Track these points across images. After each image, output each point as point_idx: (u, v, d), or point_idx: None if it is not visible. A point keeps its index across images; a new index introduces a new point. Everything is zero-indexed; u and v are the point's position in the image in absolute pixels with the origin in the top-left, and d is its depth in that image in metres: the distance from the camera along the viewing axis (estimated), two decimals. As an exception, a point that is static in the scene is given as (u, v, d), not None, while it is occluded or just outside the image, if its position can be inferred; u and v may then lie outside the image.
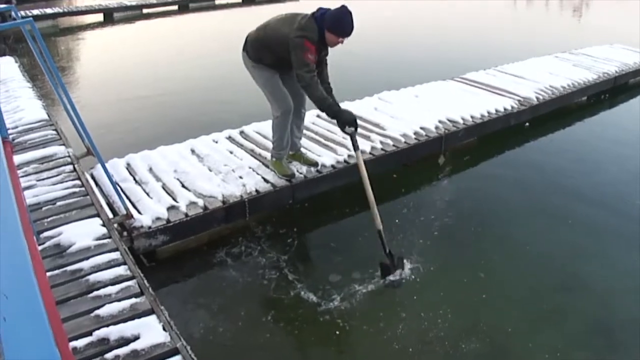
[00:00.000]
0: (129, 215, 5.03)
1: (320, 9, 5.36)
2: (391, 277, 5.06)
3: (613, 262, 5.43)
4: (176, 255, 5.28)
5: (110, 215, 5.01)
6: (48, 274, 3.97)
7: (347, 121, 5.33)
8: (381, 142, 6.79)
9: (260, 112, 7.97)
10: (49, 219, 4.72)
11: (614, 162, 7.75)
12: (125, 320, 3.53)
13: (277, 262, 5.23)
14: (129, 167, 6.17)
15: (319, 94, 5.25)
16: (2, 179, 1.64)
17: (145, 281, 3.94)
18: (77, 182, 5.40)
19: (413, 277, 5.09)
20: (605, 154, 8.07)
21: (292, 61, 5.26)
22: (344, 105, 6.72)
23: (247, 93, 10.42)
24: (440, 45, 15.47)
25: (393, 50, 13.31)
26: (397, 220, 5.94)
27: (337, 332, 4.43)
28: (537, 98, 8.96)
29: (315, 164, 6.29)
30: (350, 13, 5.25)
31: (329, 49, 5.57)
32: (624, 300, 4.90)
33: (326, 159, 6.31)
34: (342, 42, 5.36)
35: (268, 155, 6.31)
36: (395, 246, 5.41)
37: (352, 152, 6.20)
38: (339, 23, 5.24)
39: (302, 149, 6.45)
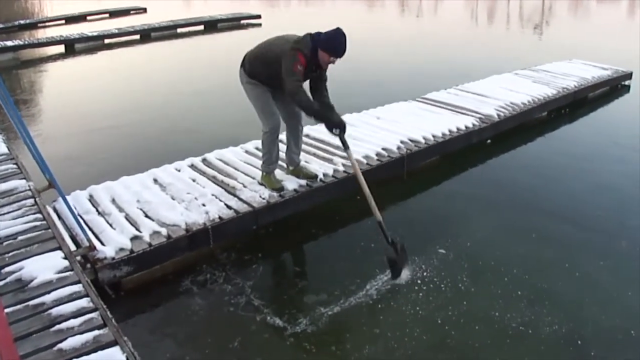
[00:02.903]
0: (92, 247, 5.00)
1: (318, 32, 5.67)
2: (400, 267, 5.44)
3: (578, 274, 5.50)
4: (141, 286, 5.25)
5: (73, 248, 4.97)
6: (10, 309, 3.94)
7: (334, 124, 5.67)
8: (343, 165, 6.84)
9: (222, 140, 8.04)
10: (10, 254, 4.68)
11: (575, 176, 7.88)
12: (88, 353, 3.51)
13: (243, 288, 5.22)
14: (91, 199, 6.14)
15: (305, 99, 5.57)
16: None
17: (108, 312, 3.92)
18: (38, 215, 5.35)
19: (388, 287, 5.19)
20: (566, 168, 8.19)
21: (282, 70, 5.55)
22: (306, 129, 6.77)
23: (209, 121, 10.51)
24: (401, 66, 15.61)
25: (353, 72, 13.40)
26: (361, 243, 5.97)
27: (305, 355, 4.43)
28: (498, 115, 9.09)
29: (314, 177, 6.52)
30: (344, 35, 5.55)
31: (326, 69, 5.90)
32: (592, 311, 4.96)
33: (289, 183, 6.35)
34: (333, 62, 5.66)
35: (230, 181, 6.36)
36: (359, 268, 5.47)
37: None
38: (332, 43, 5.55)
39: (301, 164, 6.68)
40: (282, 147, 6.60)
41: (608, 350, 4.51)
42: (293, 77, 5.51)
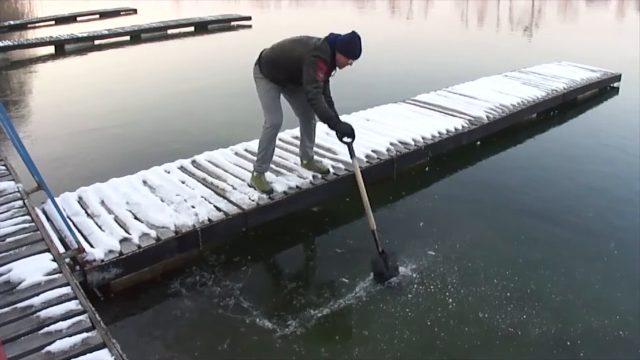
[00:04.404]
0: (81, 249, 4.98)
1: (332, 33, 5.93)
2: (386, 275, 5.44)
3: (567, 275, 5.52)
4: (130, 288, 5.24)
5: (62, 250, 4.95)
6: (-2, 311, 3.94)
7: (345, 132, 5.87)
8: (333, 167, 6.86)
9: (211, 141, 8.02)
10: (-2, 256, 4.67)
11: (565, 177, 7.92)
12: (76, 356, 3.50)
13: (232, 290, 5.22)
14: (80, 201, 6.12)
15: (323, 107, 5.81)
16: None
17: (97, 315, 3.90)
18: (27, 217, 5.34)
19: (377, 288, 5.22)
20: (555, 169, 8.23)
21: (304, 76, 5.76)
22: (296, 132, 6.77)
23: (199, 122, 10.50)
24: (390, 68, 15.62)
25: (343, 74, 13.17)
26: (351, 245, 5.99)
27: (294, 358, 4.42)
28: (488, 117, 9.11)
29: (327, 172, 6.73)
30: (360, 38, 5.81)
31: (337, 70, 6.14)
32: (582, 312, 4.97)
33: (278, 185, 6.34)
34: (350, 64, 5.91)
35: (220, 183, 6.36)
36: (348, 269, 5.49)
37: (304, 179, 6.52)
38: (349, 46, 5.80)
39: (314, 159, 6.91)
40: (277, 151, 6.62)
41: (597, 351, 4.53)
42: (314, 84, 5.73)
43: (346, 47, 5.80)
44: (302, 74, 5.80)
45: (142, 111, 11.64)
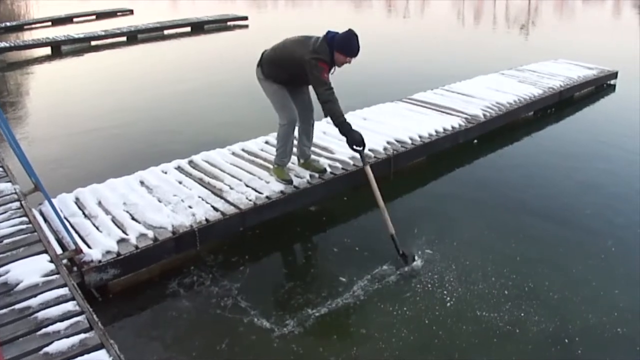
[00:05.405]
0: (79, 250, 4.98)
1: (329, 32, 6.00)
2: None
3: (565, 273, 5.53)
4: (128, 288, 5.24)
5: (59, 251, 4.94)
6: (-4, 313, 3.93)
7: (355, 141, 5.96)
8: (330, 166, 6.86)
9: (208, 141, 8.00)
10: (-5, 258, 4.65)
11: (562, 175, 7.91)
12: (74, 357, 3.49)
13: (230, 290, 5.22)
14: (77, 202, 6.11)
15: (337, 110, 5.87)
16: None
17: (95, 316, 3.89)
18: (24, 218, 5.32)
19: (375, 287, 5.20)
20: (552, 167, 8.22)
21: (311, 81, 5.94)
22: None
23: (195, 122, 10.48)
24: (387, 67, 15.59)
25: (339, 73, 13.15)
26: (348, 244, 5.99)
27: (292, 357, 4.42)
28: (485, 115, 9.11)
29: (323, 171, 6.73)
30: (357, 36, 5.88)
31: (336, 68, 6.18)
32: (579, 309, 4.98)
33: (275, 185, 6.36)
34: (349, 61, 5.99)
35: (217, 183, 6.37)
36: (346, 269, 5.50)
37: (301, 179, 6.54)
38: (347, 44, 5.88)
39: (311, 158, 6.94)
40: (273, 151, 6.60)
41: (595, 348, 4.53)
42: (325, 87, 5.81)
43: (344, 45, 5.85)
44: (307, 76, 5.89)
45: (139, 112, 11.62)
